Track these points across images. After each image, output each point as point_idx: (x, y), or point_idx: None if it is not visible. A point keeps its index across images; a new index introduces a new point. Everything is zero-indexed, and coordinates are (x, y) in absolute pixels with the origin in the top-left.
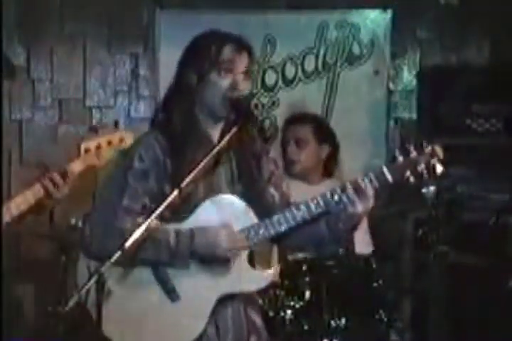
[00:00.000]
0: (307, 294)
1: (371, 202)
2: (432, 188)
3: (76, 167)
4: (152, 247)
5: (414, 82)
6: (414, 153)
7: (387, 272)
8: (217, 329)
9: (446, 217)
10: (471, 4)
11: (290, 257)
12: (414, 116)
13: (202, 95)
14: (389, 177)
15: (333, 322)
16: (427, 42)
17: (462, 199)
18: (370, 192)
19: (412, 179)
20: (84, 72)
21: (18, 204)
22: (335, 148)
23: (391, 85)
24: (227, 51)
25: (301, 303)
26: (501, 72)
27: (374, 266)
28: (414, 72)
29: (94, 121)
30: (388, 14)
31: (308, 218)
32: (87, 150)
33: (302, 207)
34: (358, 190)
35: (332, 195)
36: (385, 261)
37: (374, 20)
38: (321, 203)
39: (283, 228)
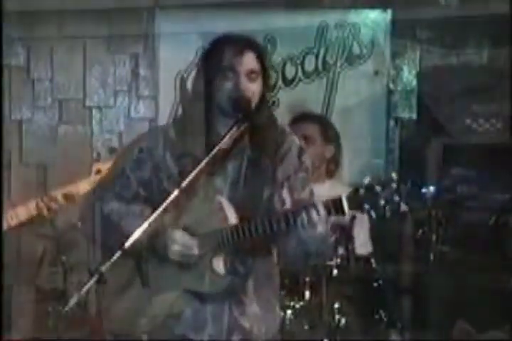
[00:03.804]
0: (307, 294)
1: (320, 230)
2: (431, 188)
3: (83, 187)
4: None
5: (414, 82)
6: (377, 188)
7: (387, 272)
8: (193, 322)
9: (446, 217)
10: (471, 4)
11: None
12: (414, 116)
13: (211, 98)
14: (346, 207)
15: (333, 322)
16: (427, 42)
17: (462, 199)
18: (321, 219)
19: (372, 213)
20: (84, 72)
21: (19, 214)
22: (339, 149)
23: (391, 85)
24: (228, 53)
25: (301, 303)
26: (501, 72)
27: (374, 266)
28: (414, 72)
29: (94, 122)
30: (388, 14)
31: (268, 233)
32: (98, 172)
33: (265, 222)
34: (310, 215)
35: (294, 216)
36: (385, 261)
37: (374, 20)
38: (282, 221)
39: (241, 239)
